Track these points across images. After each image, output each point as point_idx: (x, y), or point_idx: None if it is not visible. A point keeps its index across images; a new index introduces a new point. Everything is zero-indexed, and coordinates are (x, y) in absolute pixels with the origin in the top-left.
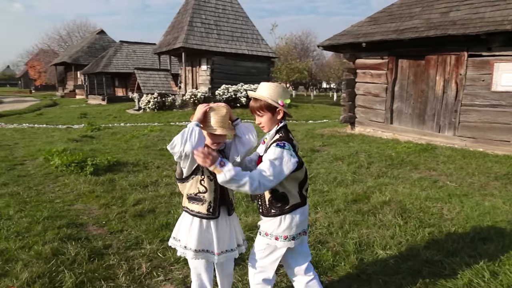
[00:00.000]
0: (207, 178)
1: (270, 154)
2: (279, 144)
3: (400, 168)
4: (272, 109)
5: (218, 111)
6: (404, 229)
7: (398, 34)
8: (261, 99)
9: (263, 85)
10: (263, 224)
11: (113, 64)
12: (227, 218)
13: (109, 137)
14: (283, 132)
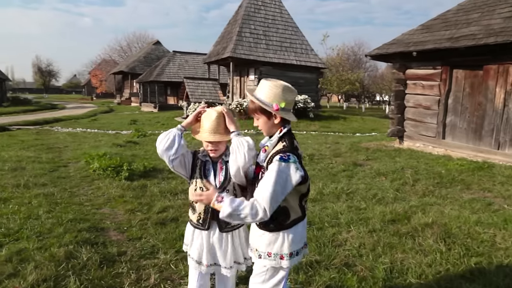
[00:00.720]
0: (199, 189)
1: (273, 170)
2: (283, 157)
3: (449, 187)
4: (266, 113)
5: (208, 115)
6: (446, 256)
7: (453, 42)
8: (254, 100)
9: (261, 84)
10: (258, 242)
11: (166, 73)
12: (223, 234)
13: (152, 143)
14: (287, 140)
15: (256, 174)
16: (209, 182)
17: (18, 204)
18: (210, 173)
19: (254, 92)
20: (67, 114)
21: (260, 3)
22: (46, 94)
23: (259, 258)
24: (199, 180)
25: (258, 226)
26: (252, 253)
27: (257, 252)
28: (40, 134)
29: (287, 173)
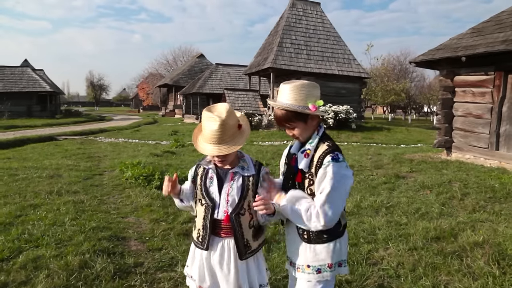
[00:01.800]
0: (199, 202)
1: (328, 174)
2: (334, 157)
3: (504, 202)
4: (303, 117)
5: (209, 121)
6: (500, 281)
7: (507, 44)
8: (285, 109)
9: (284, 90)
10: (308, 256)
11: (208, 85)
12: (230, 261)
13: (189, 153)
14: (328, 139)
15: (299, 182)
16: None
17: (47, 210)
18: (213, 182)
19: (277, 100)
20: (112, 125)
21: (301, 14)
22: (96, 107)
23: (317, 273)
24: (199, 191)
25: (307, 240)
26: (298, 272)
27: (313, 268)
28: (84, 144)
29: (342, 173)
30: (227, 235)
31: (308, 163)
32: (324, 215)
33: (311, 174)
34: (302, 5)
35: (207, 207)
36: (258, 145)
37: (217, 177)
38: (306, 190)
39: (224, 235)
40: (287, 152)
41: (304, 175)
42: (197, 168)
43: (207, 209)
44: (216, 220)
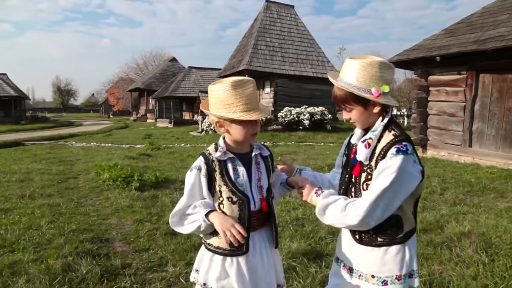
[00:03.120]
0: (227, 200)
1: (390, 167)
2: (401, 149)
3: (481, 195)
4: (363, 101)
5: (244, 86)
6: (491, 268)
7: (479, 44)
8: (343, 88)
9: (349, 64)
10: (372, 264)
11: (181, 88)
12: (268, 252)
13: (166, 156)
14: (395, 128)
15: (356, 175)
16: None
17: (20, 214)
18: (239, 172)
19: (339, 76)
20: (83, 130)
21: (275, 16)
22: (64, 113)
23: (384, 285)
24: (225, 187)
25: (358, 241)
26: (361, 279)
27: (378, 279)
28: (54, 149)
29: (408, 170)
30: (260, 225)
31: (369, 155)
32: (366, 212)
33: (370, 168)
34: (276, 8)
35: (242, 203)
36: None
37: (243, 165)
38: (362, 185)
39: (258, 226)
40: (347, 142)
41: (362, 168)
42: (210, 163)
43: (242, 205)
44: (251, 213)
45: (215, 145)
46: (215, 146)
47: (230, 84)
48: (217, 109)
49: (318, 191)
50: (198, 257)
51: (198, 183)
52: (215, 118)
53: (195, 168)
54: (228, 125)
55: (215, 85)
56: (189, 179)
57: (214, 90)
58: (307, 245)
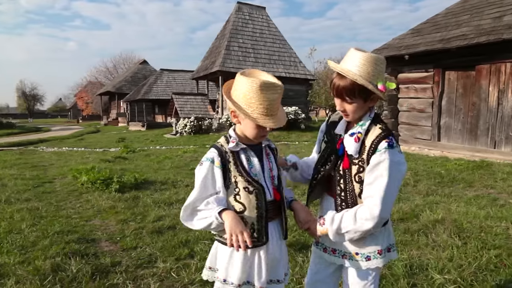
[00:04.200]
0: (244, 190)
1: (385, 159)
2: (390, 143)
3: (451, 186)
4: (366, 94)
5: (271, 90)
6: (464, 250)
7: (444, 43)
8: (354, 79)
9: (356, 56)
10: (354, 243)
11: (154, 91)
12: (281, 242)
13: (142, 158)
14: (381, 120)
15: (345, 168)
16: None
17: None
18: (252, 162)
19: (346, 66)
20: (53, 135)
21: (247, 17)
22: (30, 119)
23: (367, 260)
24: (240, 177)
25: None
26: (345, 258)
27: (362, 255)
28: (24, 154)
29: (397, 160)
30: (274, 215)
31: (359, 149)
32: (381, 209)
33: (362, 161)
34: (248, 9)
35: (259, 192)
36: None
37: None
38: (354, 177)
39: (273, 216)
40: (325, 129)
41: (352, 161)
42: (224, 155)
43: (258, 194)
44: (267, 203)
45: (225, 137)
46: (226, 138)
47: (260, 84)
48: (238, 99)
49: (320, 221)
50: (211, 254)
51: (212, 175)
52: (232, 106)
53: (207, 160)
54: (242, 119)
55: (245, 76)
56: (201, 172)
57: (242, 82)
58: (292, 237)
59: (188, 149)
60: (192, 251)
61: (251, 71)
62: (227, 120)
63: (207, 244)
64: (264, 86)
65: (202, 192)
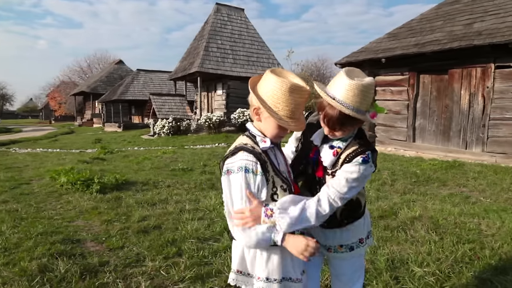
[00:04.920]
0: (281, 189)
1: (355, 171)
2: (365, 158)
3: (427, 185)
4: (356, 121)
5: (300, 93)
6: (441, 245)
7: (419, 47)
8: (345, 112)
9: (347, 85)
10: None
11: (130, 91)
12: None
13: (120, 159)
14: (362, 135)
15: (319, 176)
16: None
17: None
18: (279, 159)
19: (336, 94)
20: (25, 136)
21: (226, 19)
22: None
23: (351, 250)
24: (276, 177)
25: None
26: (330, 252)
27: (346, 247)
28: None
29: (366, 174)
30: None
31: (334, 161)
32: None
33: (335, 172)
34: (226, 11)
35: (290, 189)
36: (190, 148)
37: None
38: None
39: None
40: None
41: (326, 171)
42: (261, 158)
43: (290, 191)
44: None
45: (248, 136)
46: (250, 138)
47: (290, 85)
48: (264, 95)
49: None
50: (238, 257)
51: (254, 186)
52: (255, 103)
53: (245, 170)
54: (265, 117)
55: (275, 75)
56: (242, 185)
57: (272, 80)
58: None
59: (167, 150)
60: (179, 249)
61: (281, 70)
62: (205, 121)
63: (194, 243)
64: (294, 88)
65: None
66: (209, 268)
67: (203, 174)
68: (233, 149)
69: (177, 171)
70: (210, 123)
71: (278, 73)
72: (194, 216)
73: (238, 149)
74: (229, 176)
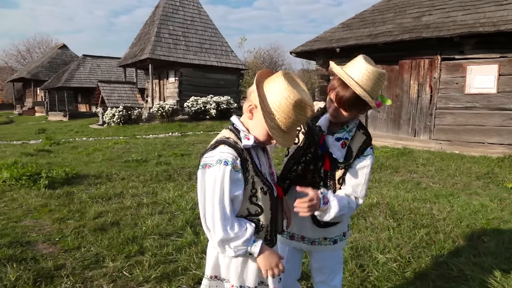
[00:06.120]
0: (261, 191)
1: (369, 164)
2: (372, 148)
3: (380, 172)
4: (363, 106)
5: (302, 111)
6: (399, 231)
7: (372, 38)
8: (361, 95)
9: (366, 69)
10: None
11: (76, 78)
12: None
13: (69, 151)
14: (362, 125)
15: (326, 170)
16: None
17: None
18: (262, 160)
19: (353, 75)
20: None
21: (178, 4)
22: None
23: (334, 243)
24: (257, 178)
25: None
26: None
27: (330, 240)
28: None
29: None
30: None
31: (345, 154)
32: (359, 203)
33: (348, 165)
34: None
35: (271, 192)
36: (143, 138)
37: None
38: (337, 180)
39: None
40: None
41: (336, 164)
42: (242, 154)
43: (271, 194)
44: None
45: (232, 130)
46: (233, 132)
47: (297, 100)
48: (268, 98)
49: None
50: (212, 263)
51: (233, 182)
52: (254, 100)
53: (224, 163)
54: (258, 118)
55: (287, 82)
56: (217, 179)
57: (281, 86)
58: None
59: (119, 140)
60: (141, 247)
61: (294, 77)
62: (158, 109)
63: (157, 239)
64: (301, 104)
65: (224, 210)
66: (175, 266)
67: (159, 165)
68: (214, 143)
69: (131, 162)
70: (162, 112)
71: (290, 80)
72: (154, 210)
73: (219, 142)
74: (206, 170)
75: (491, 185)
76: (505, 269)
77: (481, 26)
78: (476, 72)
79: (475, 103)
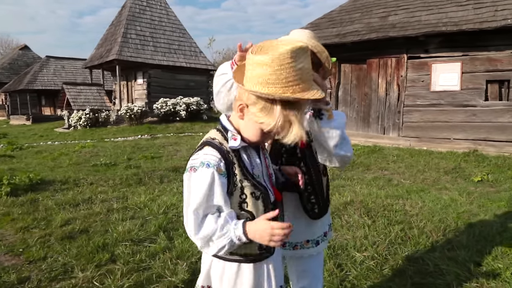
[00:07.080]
0: (251, 196)
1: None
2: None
3: (352, 170)
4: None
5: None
6: (374, 228)
7: (340, 38)
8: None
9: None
10: (305, 232)
11: (39, 80)
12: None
13: (32, 156)
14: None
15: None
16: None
17: None
18: (254, 162)
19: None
20: None
21: (145, 4)
22: None
23: (317, 245)
24: (246, 182)
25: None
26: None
27: (312, 242)
28: None
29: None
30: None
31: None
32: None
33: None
34: None
35: (265, 197)
36: (111, 141)
37: (257, 155)
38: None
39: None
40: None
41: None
42: (227, 156)
43: (265, 199)
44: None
45: (219, 130)
46: (221, 132)
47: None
48: (258, 84)
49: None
50: (205, 272)
51: (216, 186)
52: (243, 97)
53: (206, 165)
54: (249, 117)
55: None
56: (202, 182)
57: (262, 60)
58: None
59: (86, 143)
60: (113, 255)
61: (265, 43)
62: (126, 112)
63: (128, 246)
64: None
65: (207, 210)
66: (149, 274)
67: (128, 168)
68: (200, 144)
69: (99, 166)
70: (131, 114)
71: (263, 49)
72: (124, 215)
73: (204, 144)
74: (191, 174)
75: (459, 180)
76: (477, 262)
77: (444, 26)
78: (440, 70)
79: (440, 100)
